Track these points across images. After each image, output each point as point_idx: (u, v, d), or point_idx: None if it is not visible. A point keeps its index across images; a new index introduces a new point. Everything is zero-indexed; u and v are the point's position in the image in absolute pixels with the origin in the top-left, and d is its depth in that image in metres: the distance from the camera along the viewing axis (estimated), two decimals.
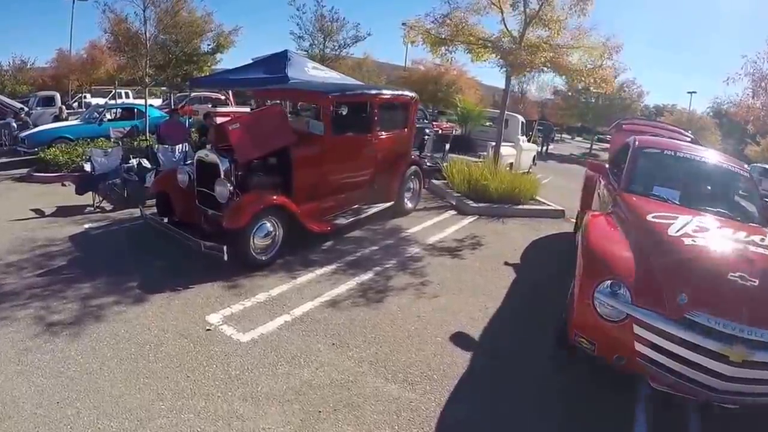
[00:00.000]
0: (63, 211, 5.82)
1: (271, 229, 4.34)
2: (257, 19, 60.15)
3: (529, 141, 13.21)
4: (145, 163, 6.66)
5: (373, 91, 5.91)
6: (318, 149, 5.03)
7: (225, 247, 3.90)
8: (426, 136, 10.25)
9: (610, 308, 2.54)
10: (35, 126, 10.16)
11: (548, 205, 7.62)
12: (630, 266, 2.71)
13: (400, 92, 6.51)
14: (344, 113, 5.07)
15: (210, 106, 15.25)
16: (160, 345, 3.01)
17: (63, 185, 7.30)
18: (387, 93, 6.16)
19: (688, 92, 36.32)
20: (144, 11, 9.03)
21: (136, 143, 8.72)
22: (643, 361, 2.52)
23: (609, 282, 2.61)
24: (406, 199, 6.51)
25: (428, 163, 8.57)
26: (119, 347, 2.95)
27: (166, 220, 4.78)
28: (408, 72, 25.20)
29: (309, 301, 3.78)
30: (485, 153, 10.63)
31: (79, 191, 6.01)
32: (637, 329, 2.49)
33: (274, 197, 4.34)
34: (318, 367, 2.92)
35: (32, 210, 5.80)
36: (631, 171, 3.97)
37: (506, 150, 9.65)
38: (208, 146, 4.73)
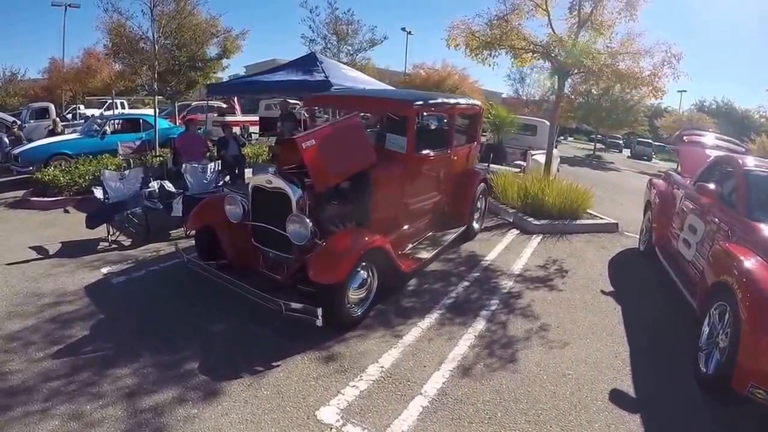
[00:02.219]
0: (70, 249, 4.69)
1: (366, 276, 3.34)
2: (251, 23, 58.59)
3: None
4: (168, 186, 5.52)
5: (452, 101, 4.98)
6: (400, 170, 4.10)
7: (320, 310, 2.86)
8: None
9: None
10: (29, 141, 8.90)
11: (601, 218, 7.15)
12: None
13: (472, 101, 5.61)
14: (433, 126, 4.12)
15: (216, 115, 14.19)
16: None
17: (65, 211, 6.19)
18: (463, 102, 5.25)
19: (678, 91, 36.41)
20: (152, 10, 7.96)
21: (147, 160, 7.60)
22: None
23: None
24: (474, 221, 5.67)
25: None
26: None
27: (214, 265, 3.73)
28: (409, 77, 24.50)
29: (434, 370, 2.88)
30: (524, 163, 9.94)
31: (91, 224, 4.85)
32: None
33: (367, 237, 3.34)
34: None
35: (32, 248, 4.66)
36: (749, 196, 3.72)
37: (541, 158, 8.93)
38: (271, 169, 3.70)
